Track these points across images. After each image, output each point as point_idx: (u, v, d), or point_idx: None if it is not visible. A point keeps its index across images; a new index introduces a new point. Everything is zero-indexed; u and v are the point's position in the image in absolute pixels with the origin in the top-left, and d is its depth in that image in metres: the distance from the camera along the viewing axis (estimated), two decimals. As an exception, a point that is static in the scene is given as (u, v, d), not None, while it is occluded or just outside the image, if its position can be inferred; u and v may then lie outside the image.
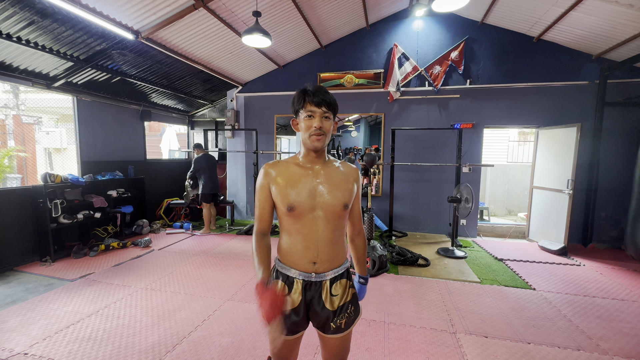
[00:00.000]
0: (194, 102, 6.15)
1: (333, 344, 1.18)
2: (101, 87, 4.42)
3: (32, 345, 2.10)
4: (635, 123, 4.35)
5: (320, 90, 1.07)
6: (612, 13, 3.58)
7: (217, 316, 2.49)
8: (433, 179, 5.18)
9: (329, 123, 1.08)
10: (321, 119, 1.06)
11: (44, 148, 6.52)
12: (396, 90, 5.07)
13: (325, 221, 1.11)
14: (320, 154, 1.14)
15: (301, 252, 1.12)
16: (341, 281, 1.17)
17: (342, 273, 1.18)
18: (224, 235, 4.97)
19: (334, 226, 1.13)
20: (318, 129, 1.06)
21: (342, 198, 1.11)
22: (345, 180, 1.15)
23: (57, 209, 3.73)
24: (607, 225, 4.60)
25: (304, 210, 1.09)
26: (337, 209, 1.11)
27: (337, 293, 1.16)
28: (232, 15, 3.76)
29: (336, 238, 1.14)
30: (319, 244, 1.11)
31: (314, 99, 1.05)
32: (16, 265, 3.48)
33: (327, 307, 1.14)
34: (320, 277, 1.13)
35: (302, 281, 1.13)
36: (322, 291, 1.14)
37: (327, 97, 1.06)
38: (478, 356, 2.03)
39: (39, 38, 3.16)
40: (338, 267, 1.17)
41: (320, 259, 1.12)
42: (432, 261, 3.82)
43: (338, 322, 1.14)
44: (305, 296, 1.14)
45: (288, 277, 1.15)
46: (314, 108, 1.05)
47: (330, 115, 1.08)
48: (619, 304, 2.78)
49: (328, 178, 1.12)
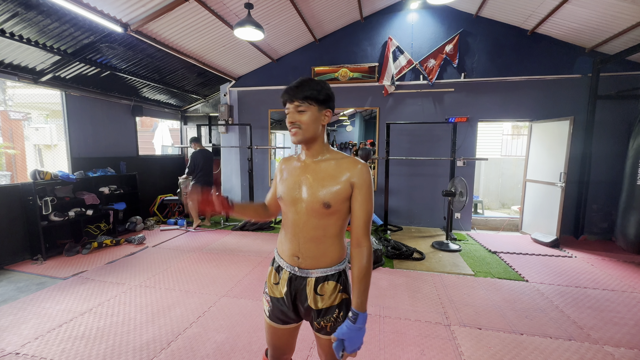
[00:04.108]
0: (186, 96, 6.05)
1: (323, 343, 1.16)
2: (90, 81, 4.32)
3: (24, 344, 2.07)
4: (626, 116, 4.39)
5: (292, 86, 1.05)
6: (605, 5, 3.58)
7: (213, 312, 2.48)
8: (428, 173, 5.19)
9: (305, 115, 1.04)
10: (295, 113, 1.05)
11: (33, 144, 6.38)
12: (391, 84, 5.05)
13: (307, 217, 1.08)
14: (310, 147, 1.10)
15: (287, 244, 1.15)
16: (329, 282, 1.10)
17: (332, 274, 1.11)
18: (219, 232, 4.95)
19: (316, 224, 1.08)
20: (292, 124, 1.05)
21: (321, 196, 1.04)
22: (334, 177, 1.05)
23: (47, 207, 3.67)
24: (598, 217, 4.67)
25: (288, 202, 1.12)
26: (315, 206, 1.05)
27: (323, 293, 1.10)
28: (223, 7, 3.69)
29: (319, 237, 1.08)
30: (300, 240, 1.10)
31: (284, 96, 1.07)
32: (7, 264, 3.42)
33: (310, 305, 1.11)
34: (305, 273, 1.11)
35: (288, 272, 1.14)
36: (306, 287, 1.11)
37: (298, 91, 1.02)
38: (472, 348, 2.06)
39: (23, 31, 3.06)
40: (326, 267, 1.10)
41: (302, 255, 1.10)
42: (427, 255, 3.85)
43: (322, 324, 1.11)
44: (290, 287, 1.14)
45: (279, 266, 1.19)
46: (288, 104, 1.07)
47: (306, 107, 1.03)
48: (610, 294, 2.83)
49: (315, 173, 1.09)
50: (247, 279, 3.14)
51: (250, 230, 4.99)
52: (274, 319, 1.19)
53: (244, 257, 3.75)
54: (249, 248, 4.11)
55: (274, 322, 1.19)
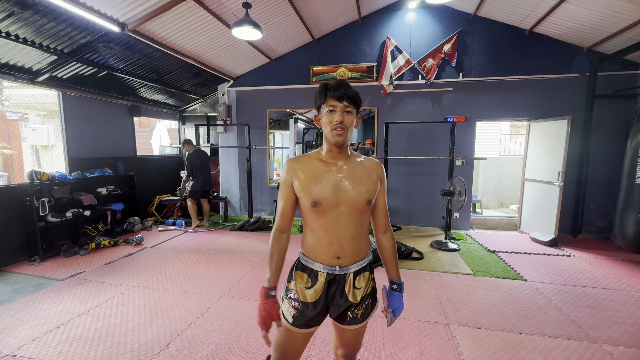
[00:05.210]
0: (184, 96, 6.03)
1: (347, 335, 1.21)
2: (88, 81, 4.30)
3: (21, 346, 2.06)
4: (624, 115, 4.40)
5: (342, 85, 1.06)
6: (603, 5, 3.59)
7: (211, 313, 2.47)
8: (426, 172, 5.20)
9: (350, 117, 1.08)
10: (342, 113, 1.06)
11: (30, 145, 6.35)
12: (389, 84, 5.05)
13: (349, 217, 1.12)
14: (343, 149, 1.13)
15: (325, 247, 1.14)
16: (364, 274, 1.19)
17: (365, 266, 1.20)
18: (218, 232, 4.93)
19: (358, 222, 1.14)
20: (339, 124, 1.06)
21: (365, 193, 1.11)
22: (369, 175, 1.14)
23: (44, 207, 3.64)
24: (596, 216, 4.68)
25: (328, 206, 1.10)
26: (360, 204, 1.11)
27: (361, 286, 1.17)
28: (221, 7, 3.67)
29: (360, 233, 1.15)
30: (343, 240, 1.13)
31: (336, 93, 1.05)
32: (3, 266, 3.40)
33: (349, 300, 1.15)
34: (344, 270, 1.15)
35: (326, 274, 1.14)
36: (345, 284, 1.15)
37: (349, 91, 1.06)
38: (471, 347, 2.06)
39: (20, 30, 3.04)
40: (362, 259, 1.18)
41: (345, 254, 1.14)
42: (425, 254, 3.85)
43: (355, 312, 1.16)
44: (328, 289, 1.15)
45: (312, 270, 1.16)
46: (335, 102, 1.06)
47: (352, 109, 1.07)
48: (608, 293, 2.84)
49: (351, 173, 1.12)
50: (246, 279, 3.12)
51: (249, 230, 4.98)
52: (298, 325, 1.15)
53: (243, 258, 3.74)
54: (248, 248, 4.10)
55: (297, 327, 1.15)
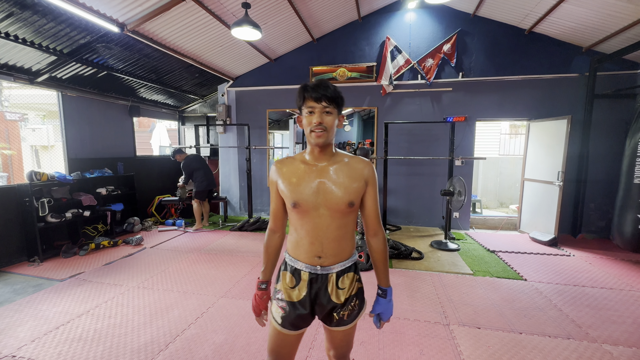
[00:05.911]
0: (184, 97, 6.03)
1: (336, 337, 1.21)
2: (87, 82, 4.30)
3: (21, 347, 2.06)
4: (623, 115, 4.41)
5: (320, 85, 1.04)
6: (603, 4, 3.59)
7: (211, 313, 2.47)
8: (426, 172, 5.20)
9: (331, 118, 1.06)
10: (321, 114, 1.04)
11: (30, 145, 6.34)
12: (389, 84, 5.05)
13: (330, 219, 1.11)
14: (325, 149, 1.11)
15: (306, 246, 1.14)
16: (348, 274, 1.17)
17: (349, 266, 1.18)
18: (218, 232, 4.93)
19: (340, 223, 1.12)
20: (318, 125, 1.04)
21: (346, 196, 1.09)
22: (352, 176, 1.11)
23: (44, 208, 3.64)
24: (596, 215, 4.68)
25: (308, 207, 1.10)
26: (341, 206, 1.09)
27: (344, 286, 1.16)
28: (220, 7, 3.67)
29: (342, 235, 1.14)
30: (324, 241, 1.12)
31: (313, 94, 1.03)
32: (3, 266, 3.40)
33: (333, 300, 1.15)
34: (326, 270, 1.14)
35: (308, 273, 1.15)
36: (327, 284, 1.15)
37: (328, 92, 1.04)
38: (471, 347, 2.06)
39: (19, 31, 3.04)
40: (345, 260, 1.17)
41: (325, 254, 1.13)
42: (425, 254, 3.85)
43: (341, 314, 1.15)
44: (311, 288, 1.15)
45: (296, 269, 1.17)
46: (314, 103, 1.04)
47: (333, 109, 1.06)
48: (608, 293, 2.84)
49: (333, 175, 1.11)
50: (246, 279, 3.12)
51: (249, 230, 4.98)
52: (287, 325, 1.16)
53: (243, 258, 3.73)
54: (248, 248, 4.10)
55: (286, 328, 1.16)
